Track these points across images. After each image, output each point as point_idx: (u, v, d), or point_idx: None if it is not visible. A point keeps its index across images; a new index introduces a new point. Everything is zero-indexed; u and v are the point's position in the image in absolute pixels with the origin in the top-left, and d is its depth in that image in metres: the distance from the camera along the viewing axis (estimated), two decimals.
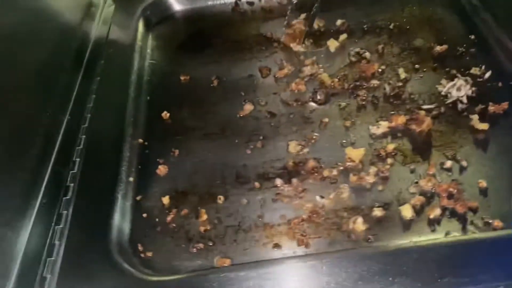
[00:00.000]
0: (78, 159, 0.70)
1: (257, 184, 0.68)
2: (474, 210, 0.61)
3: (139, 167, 0.71)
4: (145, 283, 0.56)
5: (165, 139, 0.76)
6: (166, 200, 0.67)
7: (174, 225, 0.64)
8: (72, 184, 0.67)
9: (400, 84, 0.79)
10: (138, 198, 0.68)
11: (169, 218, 0.65)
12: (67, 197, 0.65)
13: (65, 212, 0.63)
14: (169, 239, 0.63)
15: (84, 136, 0.73)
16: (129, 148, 0.73)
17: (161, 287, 0.56)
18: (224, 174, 0.70)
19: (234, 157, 0.72)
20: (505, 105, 0.71)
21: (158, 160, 0.72)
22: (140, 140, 0.75)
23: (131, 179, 0.69)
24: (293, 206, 0.65)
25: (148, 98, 0.82)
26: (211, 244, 0.61)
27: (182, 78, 0.85)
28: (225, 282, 0.54)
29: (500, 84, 0.75)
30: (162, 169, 0.71)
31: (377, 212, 0.62)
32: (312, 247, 0.60)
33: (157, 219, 0.65)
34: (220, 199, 0.66)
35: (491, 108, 0.72)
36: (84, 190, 0.66)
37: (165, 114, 0.79)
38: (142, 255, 0.61)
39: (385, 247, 0.57)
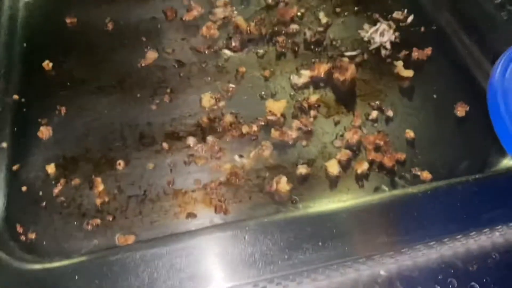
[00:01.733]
0: None
1: (165, 145, 0.58)
2: (402, 163, 0.57)
3: (15, 129, 0.58)
4: (27, 272, 0.45)
5: (48, 94, 0.62)
6: (51, 168, 0.54)
7: (62, 198, 0.52)
8: None
9: (321, 29, 0.72)
10: (15, 167, 0.54)
11: (56, 191, 0.53)
12: None
13: None
14: (57, 215, 0.51)
15: None
16: (1, 106, 0.58)
17: (49, 276, 0.45)
18: (124, 135, 0.59)
19: (137, 114, 0.61)
20: (428, 50, 0.68)
21: (39, 120, 0.59)
22: (15, 97, 0.61)
23: (4, 144, 0.55)
24: (209, 168, 0.56)
25: (25, 45, 0.67)
26: (110, 219, 0.51)
27: (68, 21, 0.70)
28: (130, 263, 0.44)
29: (422, 29, 0.71)
30: (44, 131, 0.57)
31: (302, 170, 0.56)
32: (232, 213, 0.52)
33: (40, 193, 0.53)
34: (120, 164, 0.55)
35: (415, 54, 0.68)
36: None
37: (47, 64, 0.65)
38: (23, 237, 0.49)
39: (312, 208, 0.50)
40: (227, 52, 0.69)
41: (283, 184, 0.54)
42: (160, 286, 0.43)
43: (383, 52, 0.69)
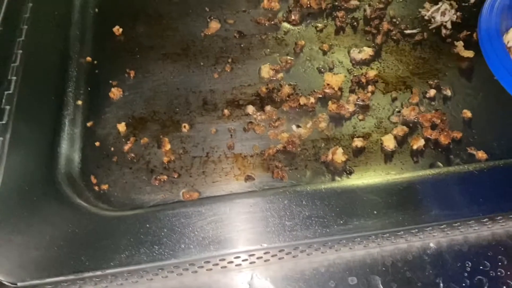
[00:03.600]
0: (14, 78, 0.59)
1: (226, 111, 0.60)
2: (458, 141, 0.57)
3: (89, 89, 0.62)
4: (101, 218, 0.49)
5: (118, 58, 0.65)
6: (122, 127, 0.58)
7: (132, 155, 0.56)
8: (8, 107, 0.56)
9: (381, 6, 0.72)
10: (89, 124, 0.59)
11: (126, 147, 0.57)
12: (3, 122, 0.55)
13: (0, 139, 0.54)
14: (127, 170, 0.55)
15: (20, 51, 0.61)
16: (76, 66, 0.63)
17: (121, 222, 0.49)
18: (188, 99, 0.62)
19: (200, 81, 0.64)
20: None
21: (110, 81, 0.62)
22: (88, 58, 0.64)
23: (79, 102, 0.60)
24: (267, 136, 0.59)
25: (97, 10, 0.71)
26: (176, 176, 0.55)
27: None
28: (195, 216, 0.48)
29: None
30: (115, 92, 0.61)
31: (358, 143, 0.57)
32: (288, 179, 0.55)
33: (112, 148, 0.57)
34: (185, 127, 0.59)
35: (476, 34, 0.67)
36: (23, 114, 0.56)
37: (117, 30, 0.68)
38: (96, 188, 0.53)
39: (367, 179, 0.52)
40: (286, 25, 0.70)
41: (339, 155, 0.56)
42: (224, 238, 0.46)
43: (443, 31, 0.69)
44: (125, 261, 0.45)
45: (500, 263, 0.49)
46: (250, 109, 0.61)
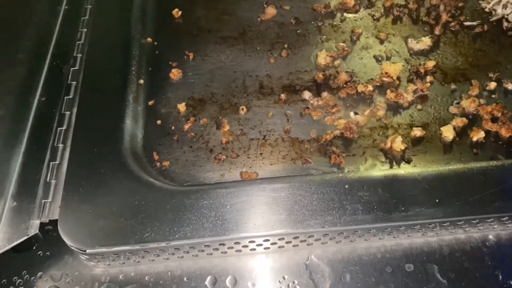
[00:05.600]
0: (79, 55, 0.61)
1: (283, 96, 0.61)
2: None
3: (150, 69, 0.63)
4: (165, 192, 0.50)
5: (178, 40, 0.67)
6: (182, 107, 0.60)
7: (192, 134, 0.57)
8: (74, 83, 0.58)
9: None
10: (151, 103, 0.60)
11: (186, 127, 0.58)
12: (69, 97, 0.57)
13: (67, 113, 0.56)
14: (187, 148, 0.56)
15: (85, 30, 0.63)
16: (138, 47, 0.64)
17: (185, 196, 0.49)
18: (245, 83, 0.63)
19: (256, 65, 0.65)
20: None
21: (170, 63, 0.64)
22: (149, 39, 0.66)
23: (141, 81, 0.61)
24: (323, 121, 0.59)
25: None
26: (234, 156, 0.56)
27: None
28: (255, 194, 0.49)
29: None
30: (175, 73, 0.63)
31: (417, 132, 0.57)
32: (347, 165, 0.55)
33: (173, 127, 0.58)
34: (243, 110, 0.60)
35: None
36: (88, 90, 0.57)
37: (176, 12, 0.69)
38: (158, 164, 0.55)
39: (427, 168, 0.52)
40: (343, 12, 0.70)
41: (398, 143, 0.55)
42: (283, 218, 0.47)
43: (505, 24, 0.68)
44: (189, 234, 0.46)
45: None
46: (307, 94, 0.61)
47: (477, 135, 0.56)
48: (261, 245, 0.49)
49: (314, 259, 0.50)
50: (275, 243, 0.49)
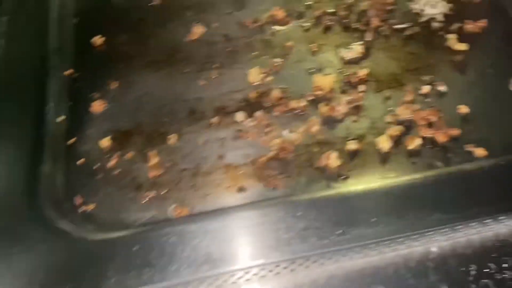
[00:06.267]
0: None
1: (215, 120, 0.58)
2: (456, 139, 0.55)
3: (70, 103, 0.59)
4: (87, 242, 0.47)
5: (100, 69, 0.63)
6: (105, 142, 0.56)
7: (118, 171, 0.54)
8: None
9: (370, 1, 0.70)
10: (71, 141, 0.56)
11: (111, 163, 0.54)
12: None
13: None
14: (113, 188, 0.53)
15: None
16: (56, 81, 0.60)
17: (108, 245, 0.47)
18: (174, 109, 0.60)
19: (185, 89, 0.62)
20: (483, 22, 0.65)
21: (92, 94, 0.60)
22: (69, 71, 0.62)
23: (60, 118, 0.57)
24: (258, 143, 0.56)
25: (76, 21, 0.68)
26: (164, 191, 0.52)
27: None
28: (186, 234, 0.46)
29: (477, 0, 0.68)
30: (98, 105, 0.59)
31: (352, 145, 0.55)
32: (282, 188, 0.53)
33: (96, 165, 0.54)
34: (172, 138, 0.56)
35: (469, 26, 0.65)
36: None
37: (98, 39, 0.66)
38: (82, 209, 0.51)
39: (363, 184, 0.50)
40: (273, 26, 0.68)
41: (333, 160, 0.54)
42: (217, 257, 0.44)
43: (434, 24, 0.67)
44: (113, 287, 0.42)
45: (506, 264, 0.47)
46: (240, 116, 0.59)
47: (413, 143, 0.55)
48: None
49: None
50: (211, 284, 0.46)
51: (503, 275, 0.47)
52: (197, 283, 0.44)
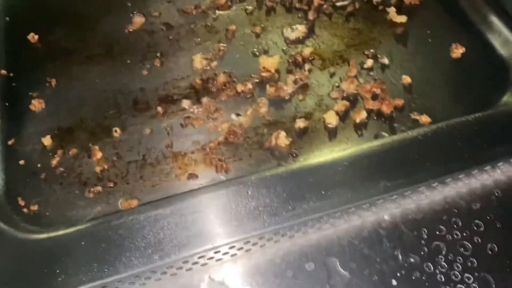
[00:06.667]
0: None
1: (160, 109, 0.57)
2: (400, 109, 0.56)
3: (6, 104, 0.57)
4: (32, 242, 0.45)
5: (36, 67, 0.61)
6: (47, 140, 0.54)
7: (62, 169, 0.52)
8: None
9: None
10: (11, 142, 0.54)
11: (54, 162, 0.52)
12: None
13: None
14: (57, 186, 0.51)
15: None
16: None
17: (55, 244, 0.45)
18: (117, 102, 0.58)
19: (128, 80, 0.60)
20: None
21: (30, 93, 0.58)
22: (4, 72, 0.59)
23: None
24: (206, 129, 0.55)
25: (8, 19, 0.65)
26: (111, 185, 0.51)
27: None
28: (135, 225, 0.44)
29: None
30: (36, 104, 0.57)
31: (300, 124, 0.55)
32: (233, 172, 0.52)
33: (38, 165, 0.52)
34: (116, 131, 0.55)
35: None
36: None
37: (32, 37, 0.63)
38: (25, 210, 0.49)
39: (313, 160, 0.50)
40: (215, 11, 0.67)
41: (282, 139, 0.53)
42: (167, 245, 0.43)
43: None
44: (61, 286, 0.41)
45: (455, 226, 0.48)
46: (186, 103, 0.57)
47: (359, 116, 0.55)
48: (149, 278, 0.44)
49: (211, 279, 0.46)
50: (165, 273, 0.44)
51: (454, 236, 0.48)
52: (149, 274, 0.43)
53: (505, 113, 0.52)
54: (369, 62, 0.60)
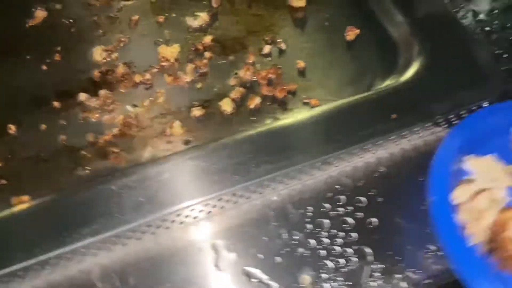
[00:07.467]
0: None
1: (56, 104, 0.57)
2: (293, 93, 0.58)
3: None
4: None
5: None
6: None
7: None
8: None
9: None
10: None
11: None
12: None
13: None
14: None
15: None
16: None
17: None
18: (15, 99, 0.58)
19: (28, 76, 0.60)
20: None
21: None
22: None
23: None
24: (103, 122, 0.56)
25: None
26: (4, 182, 0.51)
27: None
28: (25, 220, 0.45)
29: None
30: None
31: (196, 112, 0.56)
32: (128, 163, 0.53)
33: None
34: (11, 129, 0.55)
35: None
36: None
37: None
38: None
39: (203, 147, 0.51)
40: (119, 1, 0.67)
41: (177, 128, 0.55)
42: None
43: None
44: None
45: (338, 202, 0.50)
46: (83, 96, 0.58)
47: (253, 102, 0.57)
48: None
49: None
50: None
51: (336, 212, 0.50)
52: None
53: (386, 93, 0.54)
54: (267, 48, 0.62)
